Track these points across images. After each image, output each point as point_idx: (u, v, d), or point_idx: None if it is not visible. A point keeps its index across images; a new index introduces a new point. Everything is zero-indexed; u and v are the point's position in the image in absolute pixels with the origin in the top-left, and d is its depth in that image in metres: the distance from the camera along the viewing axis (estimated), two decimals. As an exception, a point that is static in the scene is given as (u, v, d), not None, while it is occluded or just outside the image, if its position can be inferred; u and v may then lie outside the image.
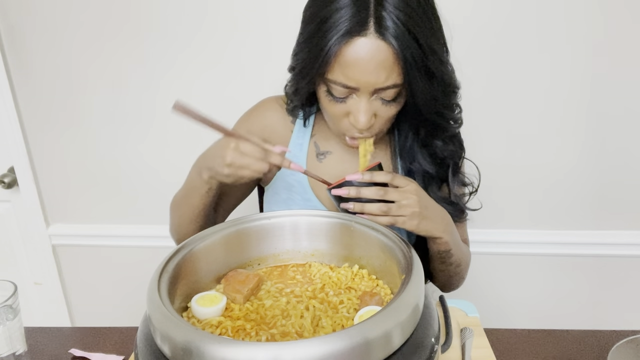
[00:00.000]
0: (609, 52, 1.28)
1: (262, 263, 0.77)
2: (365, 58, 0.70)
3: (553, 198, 1.43)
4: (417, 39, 0.70)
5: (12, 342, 0.76)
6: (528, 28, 1.28)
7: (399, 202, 0.74)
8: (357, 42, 0.70)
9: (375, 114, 0.78)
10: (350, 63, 0.71)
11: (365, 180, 0.75)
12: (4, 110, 1.46)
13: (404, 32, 0.69)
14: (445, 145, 0.87)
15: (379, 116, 0.79)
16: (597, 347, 0.83)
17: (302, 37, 0.78)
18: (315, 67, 0.74)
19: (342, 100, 0.77)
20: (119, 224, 1.59)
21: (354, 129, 0.79)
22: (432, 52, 0.72)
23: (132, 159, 1.50)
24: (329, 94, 0.77)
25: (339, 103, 0.78)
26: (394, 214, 0.74)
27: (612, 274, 1.49)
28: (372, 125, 0.79)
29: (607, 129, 1.35)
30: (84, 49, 1.40)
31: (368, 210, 0.74)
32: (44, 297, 1.69)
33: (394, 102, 0.77)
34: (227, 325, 0.61)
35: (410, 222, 0.75)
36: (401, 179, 0.77)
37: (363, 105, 0.75)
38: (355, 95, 0.76)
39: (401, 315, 0.51)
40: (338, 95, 0.77)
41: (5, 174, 1.55)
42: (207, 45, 1.36)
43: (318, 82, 0.79)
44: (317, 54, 0.72)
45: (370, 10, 0.69)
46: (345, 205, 0.76)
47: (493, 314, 1.47)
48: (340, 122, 0.81)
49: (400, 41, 0.69)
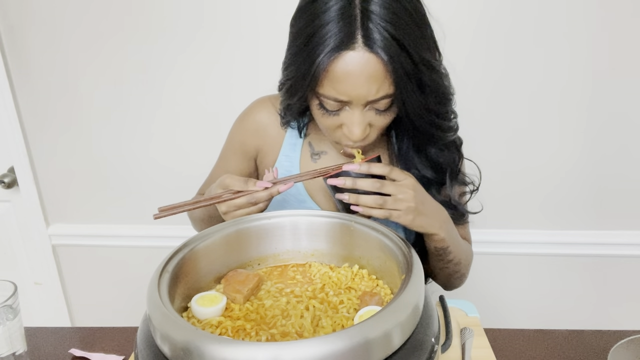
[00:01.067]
0: (609, 52, 1.28)
1: (262, 263, 0.77)
2: (355, 72, 0.70)
3: (553, 198, 1.43)
4: (406, 49, 0.69)
5: (12, 342, 0.76)
6: (527, 28, 1.28)
7: (395, 196, 0.73)
8: (346, 56, 0.69)
9: (369, 124, 0.77)
10: (341, 78, 0.70)
11: (363, 171, 0.74)
12: (4, 110, 1.46)
13: (393, 44, 0.68)
14: (441, 152, 0.86)
15: (374, 125, 0.78)
16: (597, 347, 0.83)
17: (290, 53, 0.77)
18: (306, 84, 0.73)
19: (335, 113, 0.76)
20: (119, 224, 1.59)
21: (349, 140, 0.78)
22: (423, 61, 0.72)
23: (132, 159, 1.50)
24: (322, 108, 0.77)
25: (332, 116, 0.77)
26: (389, 208, 0.73)
27: (612, 274, 1.49)
28: (367, 136, 0.78)
29: (608, 129, 1.35)
30: (83, 49, 1.40)
31: (363, 202, 0.73)
32: (44, 297, 1.69)
33: (388, 111, 0.76)
34: (227, 325, 0.61)
35: (405, 217, 0.75)
36: (399, 172, 0.76)
37: (357, 117, 0.74)
38: (348, 108, 0.75)
39: (401, 315, 0.51)
40: (330, 109, 0.76)
41: (5, 174, 1.55)
42: (205, 45, 1.36)
43: (310, 96, 0.78)
44: (306, 71, 0.71)
45: (357, 24, 0.68)
46: (341, 195, 0.75)
47: (493, 314, 1.47)
48: (334, 133, 0.80)
49: (389, 53, 0.68)
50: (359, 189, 0.73)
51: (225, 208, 0.76)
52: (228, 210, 0.76)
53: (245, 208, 0.76)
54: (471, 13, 1.28)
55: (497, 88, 1.34)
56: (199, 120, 1.44)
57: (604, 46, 1.28)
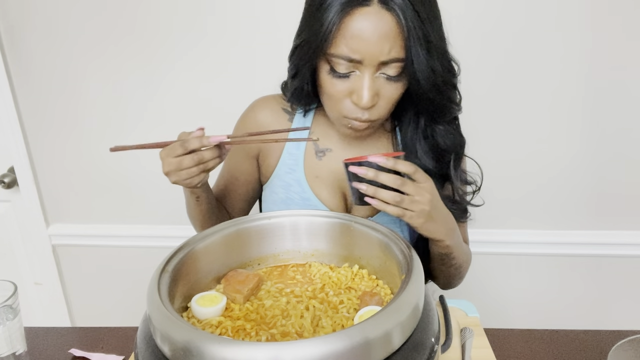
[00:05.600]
0: (609, 52, 1.28)
1: (262, 263, 0.77)
2: (369, 28, 0.70)
3: (553, 198, 1.43)
4: (417, 12, 0.70)
5: (12, 342, 0.76)
6: (526, 28, 1.28)
7: (412, 197, 0.73)
8: (361, 12, 0.70)
9: (377, 94, 0.77)
10: (354, 34, 0.71)
11: (388, 166, 0.72)
12: (4, 110, 1.46)
13: (408, 5, 0.69)
14: (447, 134, 0.86)
15: (382, 96, 0.77)
16: (597, 347, 0.83)
17: (304, 17, 0.78)
18: (319, 41, 0.73)
19: (346, 76, 0.76)
20: (119, 224, 1.59)
21: (357, 109, 0.78)
22: (432, 26, 0.73)
23: (132, 159, 1.50)
24: (332, 72, 0.76)
25: (342, 81, 0.76)
26: (405, 207, 0.73)
27: (612, 274, 1.49)
28: (374, 105, 0.77)
29: (608, 130, 1.35)
30: (83, 49, 1.40)
31: (381, 196, 0.72)
32: (44, 297, 1.69)
33: (397, 81, 0.77)
34: (227, 325, 0.61)
35: (417, 219, 0.74)
36: (421, 174, 0.75)
37: (366, 81, 0.75)
38: (359, 71, 0.75)
39: (401, 315, 0.51)
40: (341, 71, 0.75)
41: (5, 174, 1.55)
42: (206, 45, 1.36)
43: (320, 63, 0.78)
44: (319, 29, 0.72)
45: None
46: (358, 184, 0.73)
47: (493, 314, 1.47)
48: (342, 103, 0.79)
49: (404, 12, 0.69)
50: (380, 182, 0.72)
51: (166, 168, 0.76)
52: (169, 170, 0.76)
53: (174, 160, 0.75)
54: (465, 11, 1.28)
55: (498, 89, 1.34)
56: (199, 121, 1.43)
57: (603, 46, 1.28)
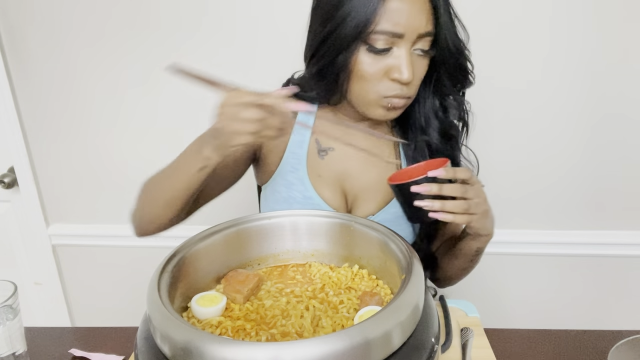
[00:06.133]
0: (609, 51, 1.28)
1: (262, 263, 0.77)
2: (408, 2, 0.75)
3: (553, 198, 1.43)
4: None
5: (12, 342, 0.76)
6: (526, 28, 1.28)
7: (474, 200, 0.73)
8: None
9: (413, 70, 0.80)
10: (396, 8, 0.75)
11: (449, 177, 0.71)
12: (4, 110, 1.46)
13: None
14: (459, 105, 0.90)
15: (415, 73, 0.80)
16: (597, 347, 0.83)
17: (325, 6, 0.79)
18: (361, 22, 0.75)
19: (384, 53, 0.78)
20: (119, 224, 1.59)
21: (396, 86, 0.79)
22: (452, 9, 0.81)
23: (132, 159, 1.50)
24: (371, 51, 0.78)
25: (380, 58, 0.78)
26: (472, 212, 0.73)
27: (612, 274, 1.48)
28: (411, 81, 0.79)
29: (607, 129, 1.35)
30: (84, 49, 1.40)
31: (450, 208, 0.71)
32: (44, 297, 1.69)
33: (425, 56, 0.81)
34: (227, 325, 0.61)
35: (481, 220, 0.75)
36: (473, 175, 0.75)
37: (407, 55, 0.77)
38: (396, 48, 0.78)
39: (401, 315, 0.51)
40: (381, 47, 0.77)
41: (5, 174, 1.55)
42: (206, 46, 1.36)
43: (355, 46, 0.78)
44: (360, 9, 0.75)
45: None
46: (422, 203, 0.71)
47: (493, 314, 1.47)
48: (379, 84, 0.80)
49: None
50: (444, 194, 0.71)
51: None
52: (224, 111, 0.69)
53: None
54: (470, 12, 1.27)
55: (495, 87, 1.33)
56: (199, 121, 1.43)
57: (603, 46, 1.28)
